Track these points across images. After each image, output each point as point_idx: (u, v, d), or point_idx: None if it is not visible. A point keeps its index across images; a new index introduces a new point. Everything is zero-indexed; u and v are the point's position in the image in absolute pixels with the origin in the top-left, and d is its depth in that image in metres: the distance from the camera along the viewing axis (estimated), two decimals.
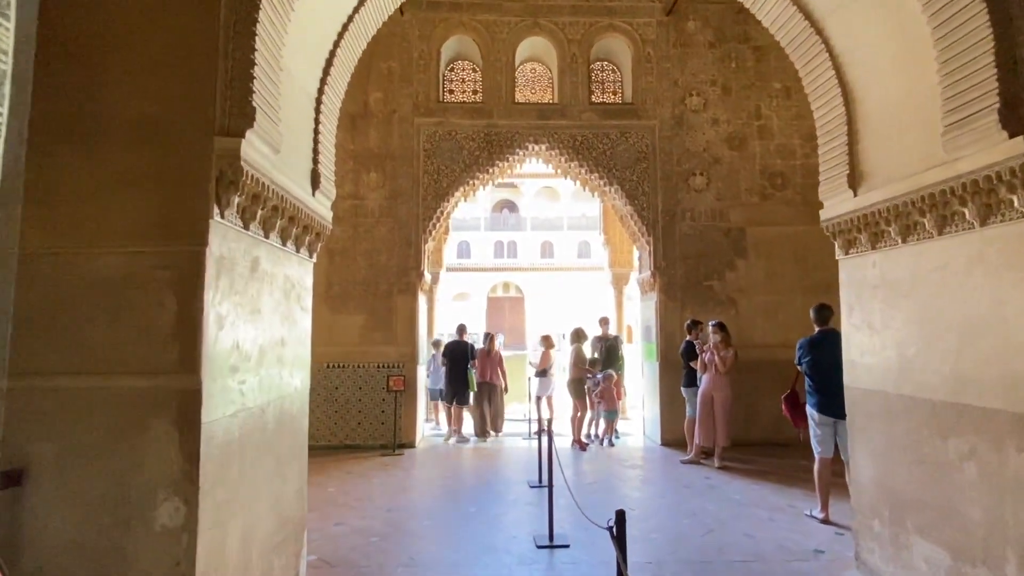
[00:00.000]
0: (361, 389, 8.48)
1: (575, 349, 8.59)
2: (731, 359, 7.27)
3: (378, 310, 8.57)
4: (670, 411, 8.54)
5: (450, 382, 9.44)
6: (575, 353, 8.56)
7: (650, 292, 8.99)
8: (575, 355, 8.56)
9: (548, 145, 8.88)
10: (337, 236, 8.61)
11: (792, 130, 8.99)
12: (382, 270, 8.63)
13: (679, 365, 8.45)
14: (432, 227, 8.77)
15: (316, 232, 4.18)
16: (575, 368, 8.47)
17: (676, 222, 8.83)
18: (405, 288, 8.61)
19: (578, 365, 8.49)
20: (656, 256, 8.78)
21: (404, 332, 8.56)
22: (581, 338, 8.65)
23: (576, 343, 8.63)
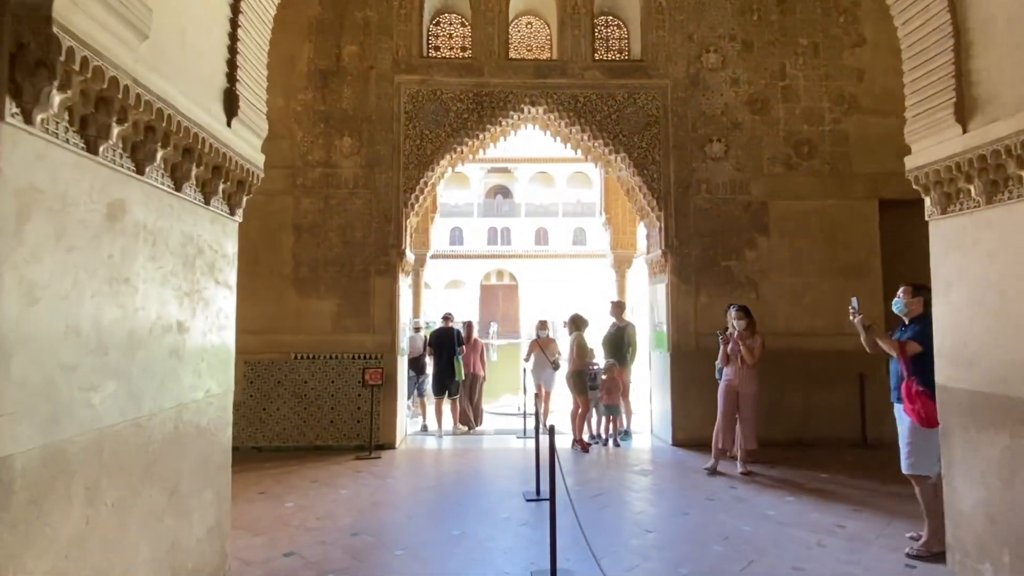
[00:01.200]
0: (334, 383, 7.40)
1: (575, 338, 7.53)
2: (759, 349, 6.24)
3: (353, 294, 7.48)
4: (683, 407, 7.51)
5: (437, 373, 8.69)
6: (575, 343, 7.50)
7: (660, 274, 7.93)
8: (575, 345, 7.50)
9: (546, 107, 7.77)
10: (306, 209, 7.50)
11: (820, 92, 7.91)
12: (357, 248, 7.53)
13: (696, 356, 7.43)
14: (415, 200, 7.66)
15: (237, 179, 3.11)
16: (576, 359, 7.42)
17: (690, 195, 7.76)
18: (384, 269, 7.52)
19: (579, 356, 7.43)
20: (668, 233, 7.71)
21: (383, 319, 7.47)
22: (580, 326, 7.58)
23: (576, 331, 7.56)
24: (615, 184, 11.01)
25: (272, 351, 7.36)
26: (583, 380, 7.43)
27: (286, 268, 7.46)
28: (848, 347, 7.59)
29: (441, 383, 8.72)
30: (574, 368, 7.41)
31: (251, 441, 7.30)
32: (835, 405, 7.49)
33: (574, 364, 7.40)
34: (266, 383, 7.35)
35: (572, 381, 7.43)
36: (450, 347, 8.81)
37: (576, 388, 7.42)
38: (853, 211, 7.82)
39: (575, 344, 7.46)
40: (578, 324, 7.56)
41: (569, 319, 7.67)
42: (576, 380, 7.41)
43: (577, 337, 7.50)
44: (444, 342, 8.81)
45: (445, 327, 8.99)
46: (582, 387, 7.42)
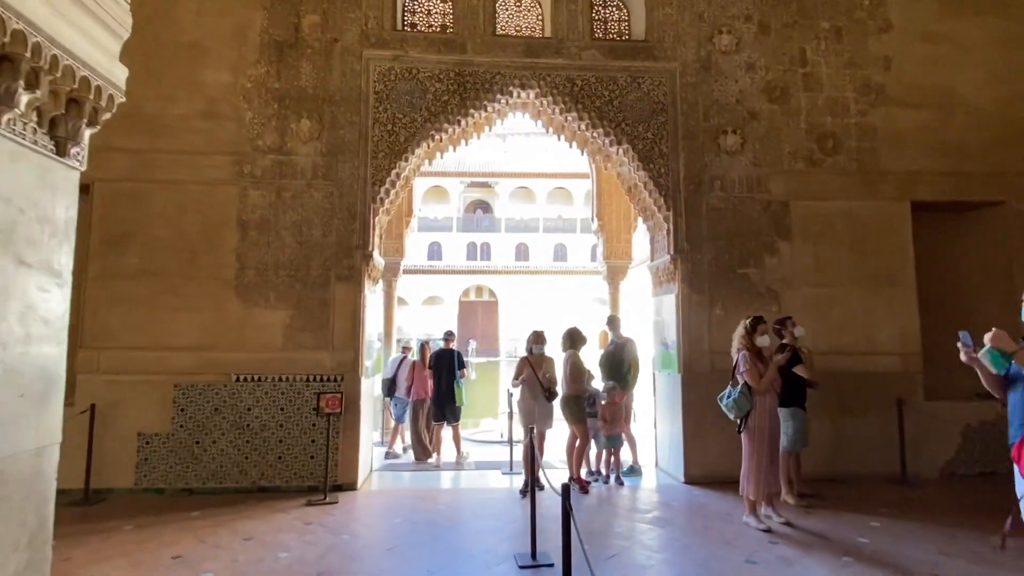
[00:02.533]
0: (284, 411, 6.12)
1: (570, 357, 6.35)
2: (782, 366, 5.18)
3: (309, 303, 6.23)
4: (697, 438, 6.38)
5: (436, 397, 7.88)
6: (570, 362, 6.32)
7: (668, 283, 6.84)
8: (570, 366, 6.31)
9: (539, 91, 6.69)
10: (253, 202, 6.27)
11: (844, 80, 6.98)
12: (315, 249, 6.30)
13: (712, 377, 6.33)
14: (385, 194, 6.48)
15: (69, 95, 1.92)
16: (572, 382, 6.24)
17: (703, 193, 6.72)
18: (347, 274, 6.29)
19: (576, 378, 6.25)
20: (677, 236, 6.64)
21: (344, 333, 6.23)
22: (577, 343, 6.41)
23: (571, 349, 6.39)
24: (608, 187, 10.01)
25: (209, 371, 6.06)
26: (581, 406, 6.26)
27: (228, 271, 6.20)
28: (881, 368, 6.60)
29: (440, 408, 7.83)
30: (570, 392, 6.23)
31: (180, 481, 5.96)
32: (869, 435, 6.45)
33: (570, 388, 6.23)
34: (200, 411, 6.03)
35: (568, 408, 6.25)
36: (450, 369, 7.91)
37: (573, 416, 6.23)
38: (883, 213, 6.85)
39: (570, 364, 6.29)
40: (575, 340, 6.40)
41: (564, 334, 6.48)
42: (573, 407, 6.23)
43: (572, 356, 6.33)
44: (444, 364, 7.96)
45: (446, 348, 8.20)
46: (580, 415, 6.25)
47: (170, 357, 6.05)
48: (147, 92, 6.25)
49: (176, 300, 6.12)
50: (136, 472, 5.94)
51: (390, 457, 8.11)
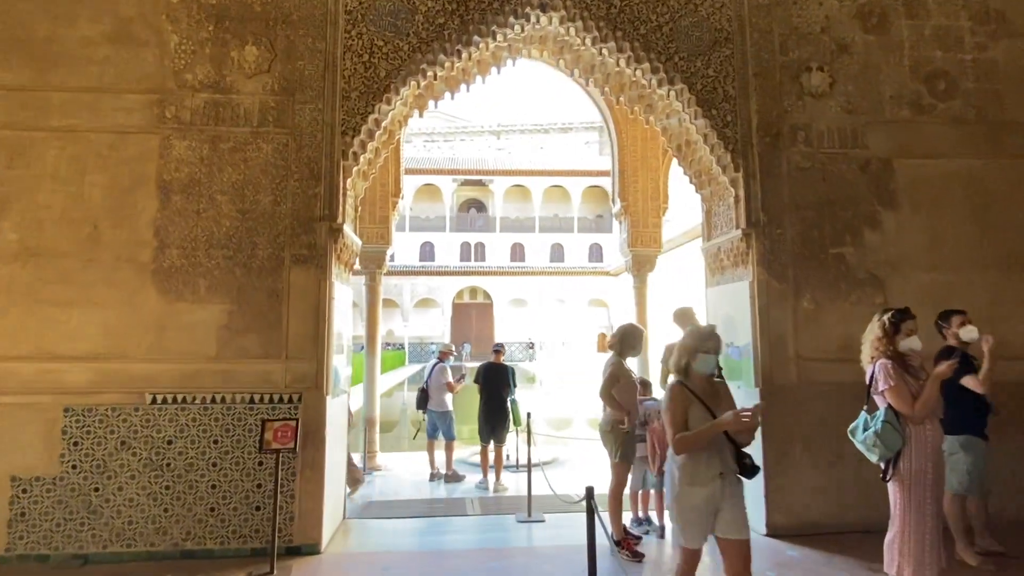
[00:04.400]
0: (218, 444, 4.36)
1: (615, 368, 4.60)
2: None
3: (254, 295, 4.49)
4: (782, 475, 4.69)
5: (486, 415, 6.89)
6: (615, 373, 4.57)
7: (735, 268, 5.16)
8: (614, 377, 4.56)
9: (564, 14, 5.00)
10: (179, 157, 4.53)
11: (956, 6, 5.34)
12: (263, 222, 4.56)
13: (800, 392, 4.66)
14: (360, 148, 4.76)
15: None
16: (618, 401, 4.49)
17: (782, 147, 5.05)
18: (306, 255, 4.56)
19: (622, 396, 4.51)
20: (750, 205, 4.96)
21: (302, 336, 4.48)
22: (627, 347, 4.65)
23: (617, 357, 4.65)
24: (633, 161, 8.35)
25: (114, 389, 4.32)
26: (630, 439, 4.49)
27: (143, 251, 4.45)
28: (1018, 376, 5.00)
29: (491, 427, 6.83)
30: (614, 416, 4.49)
31: (72, 544, 4.19)
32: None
33: (617, 409, 4.49)
34: (101, 445, 4.28)
35: (610, 438, 4.51)
36: (502, 385, 6.90)
37: (619, 451, 4.48)
38: (1012, 175, 5.22)
39: (615, 375, 4.55)
40: (624, 343, 4.64)
41: (617, 334, 4.68)
42: (617, 439, 4.47)
43: (616, 366, 4.59)
44: (496, 379, 6.94)
45: (496, 362, 7.14)
46: (626, 448, 4.50)
47: (59, 370, 4.30)
48: (32, 7, 4.52)
49: (70, 291, 4.38)
50: (8, 533, 4.17)
51: (450, 480, 6.89)
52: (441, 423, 7.01)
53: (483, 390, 6.93)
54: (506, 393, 6.85)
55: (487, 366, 7.09)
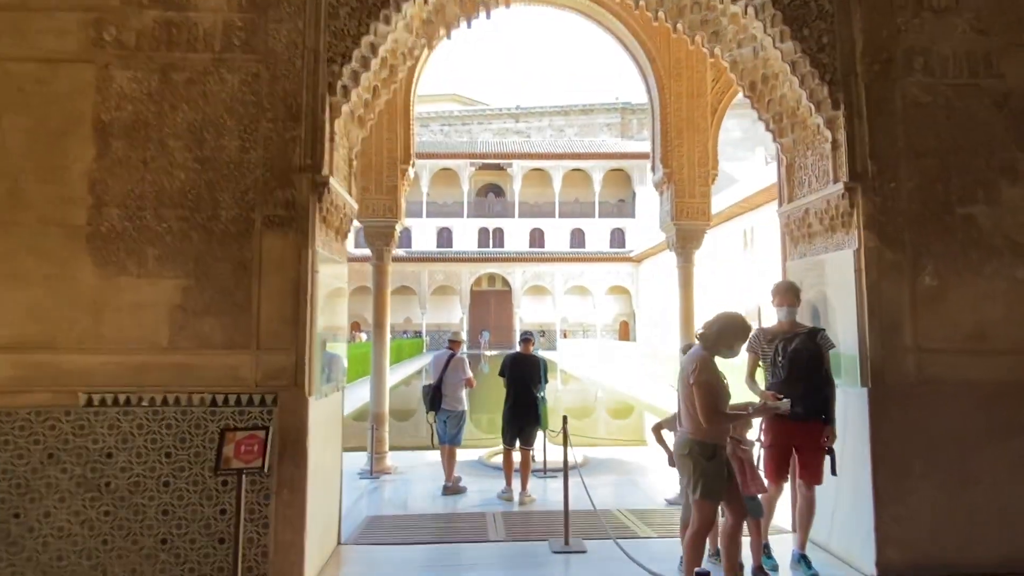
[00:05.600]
0: (171, 458, 3.38)
1: (698, 362, 3.24)
2: None
3: (216, 267, 3.48)
4: (898, 500, 3.58)
5: (512, 415, 5.81)
6: (701, 377, 3.17)
7: (834, 234, 4.01)
8: (704, 386, 3.16)
9: None
10: (122, 92, 3.52)
11: None
12: (228, 174, 3.54)
13: (923, 393, 3.56)
14: (352, 80, 3.71)
15: None
16: (706, 413, 3.13)
17: (894, 77, 3.88)
18: (283, 217, 3.53)
19: (712, 407, 3.23)
20: (854, 151, 3.81)
21: (278, 319, 3.46)
22: (722, 341, 3.25)
23: (701, 350, 3.33)
24: (678, 120, 7.21)
25: (39, 387, 3.36)
26: (717, 466, 3.25)
27: (76, 211, 3.47)
28: None
29: (518, 428, 5.77)
30: (702, 436, 3.20)
31: None
32: None
33: (699, 425, 3.28)
34: (24, 459, 3.32)
35: (691, 465, 3.32)
36: (531, 379, 5.79)
37: (703, 483, 3.17)
38: None
39: (704, 381, 3.17)
40: (725, 336, 3.26)
41: (715, 324, 3.27)
42: (700, 465, 3.19)
43: (704, 362, 3.24)
44: (525, 372, 5.83)
45: (524, 352, 6.03)
46: (714, 481, 3.24)
47: None
48: None
49: None
50: None
51: (449, 492, 5.86)
52: (452, 424, 5.93)
53: (510, 384, 5.87)
54: (536, 389, 5.80)
55: (514, 357, 6.01)
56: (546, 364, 6.10)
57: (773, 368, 3.75)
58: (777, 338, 3.79)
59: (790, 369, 3.57)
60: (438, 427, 6.01)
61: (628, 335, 36.35)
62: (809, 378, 3.64)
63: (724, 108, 7.37)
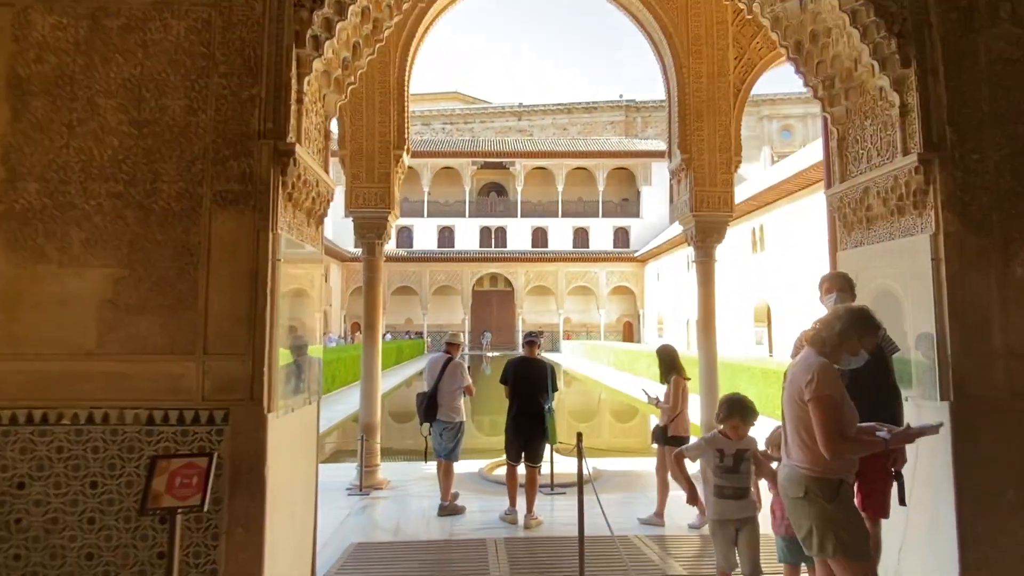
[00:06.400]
0: (98, 488, 2.73)
1: (826, 379, 2.38)
2: None
3: (155, 253, 2.83)
4: (985, 540, 2.91)
5: (518, 427, 5.11)
6: (830, 396, 2.37)
7: (901, 217, 3.35)
8: (836, 405, 2.37)
9: None
10: (41, 38, 2.85)
11: None
12: (171, 141, 2.89)
13: (1014, 406, 2.88)
14: (324, 28, 3.06)
15: None
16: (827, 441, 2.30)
17: (976, 28, 3.21)
18: (237, 193, 2.87)
19: (835, 428, 2.33)
20: (928, 117, 3.15)
21: (230, 317, 2.81)
22: (854, 342, 2.46)
23: (825, 357, 2.46)
24: (697, 103, 6.60)
25: None
26: (847, 505, 2.41)
27: None
28: None
29: (522, 442, 5.09)
30: (820, 470, 2.37)
31: None
32: None
33: (818, 447, 2.36)
34: None
35: (815, 511, 2.38)
36: (538, 388, 5.09)
37: (839, 538, 2.33)
38: None
39: (834, 401, 2.36)
40: (850, 336, 2.46)
41: (839, 321, 2.46)
42: (824, 505, 2.37)
43: (825, 372, 2.41)
44: (531, 379, 5.14)
45: (530, 356, 5.31)
46: (853, 530, 2.37)
47: None
48: None
49: None
50: None
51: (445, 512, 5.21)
52: (448, 437, 5.25)
53: (514, 394, 5.18)
54: (544, 399, 5.13)
55: (518, 362, 5.31)
56: (554, 370, 5.44)
57: None
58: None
59: (851, 380, 2.88)
60: (433, 440, 5.36)
61: (632, 336, 35.69)
62: (875, 390, 2.97)
63: (748, 89, 6.73)
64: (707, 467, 3.08)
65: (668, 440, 4.92)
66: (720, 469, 3.01)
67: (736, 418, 3.00)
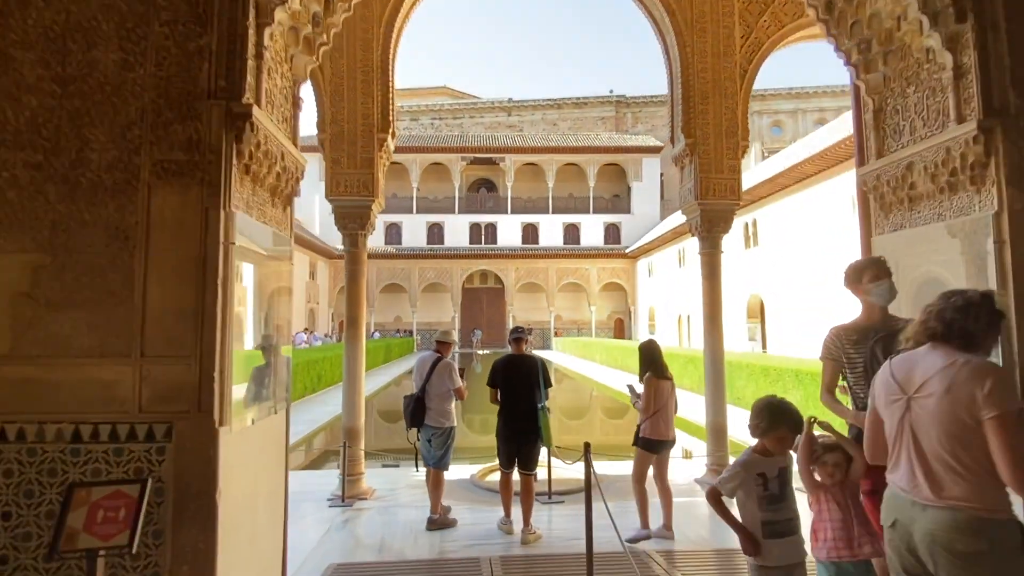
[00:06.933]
0: (10, 520, 2.24)
1: (997, 378, 1.80)
2: None
3: (82, 236, 2.35)
4: None
5: (510, 430, 4.71)
6: (996, 388, 1.76)
7: (954, 195, 2.93)
8: (1012, 404, 1.76)
9: None
10: None
11: None
12: (102, 101, 2.40)
13: None
14: None
15: None
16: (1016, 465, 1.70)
17: None
18: (182, 164, 2.39)
19: None
20: (987, 79, 2.74)
21: (173, 312, 2.34)
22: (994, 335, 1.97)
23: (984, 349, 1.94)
24: (702, 84, 6.20)
25: None
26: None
27: None
28: None
29: (515, 447, 4.67)
30: (1005, 510, 1.78)
31: None
32: None
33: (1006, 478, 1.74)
34: None
35: (998, 563, 1.73)
36: (529, 386, 4.68)
37: None
38: None
39: (1018, 404, 1.79)
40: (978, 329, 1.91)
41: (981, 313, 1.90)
42: (1018, 556, 1.75)
43: (1004, 380, 1.85)
44: (521, 378, 4.72)
45: (517, 352, 4.87)
46: None
47: None
48: None
49: None
50: None
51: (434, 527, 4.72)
52: (437, 444, 4.79)
53: (504, 394, 4.76)
54: (536, 397, 4.71)
55: (507, 360, 4.86)
56: (545, 365, 5.00)
57: (870, 380, 2.60)
58: (869, 337, 2.69)
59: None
60: (421, 447, 4.90)
61: (623, 333, 35.40)
62: None
63: (755, 70, 6.32)
64: (747, 500, 2.43)
65: (636, 441, 4.53)
66: (766, 500, 2.36)
67: (783, 428, 2.42)
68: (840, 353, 2.71)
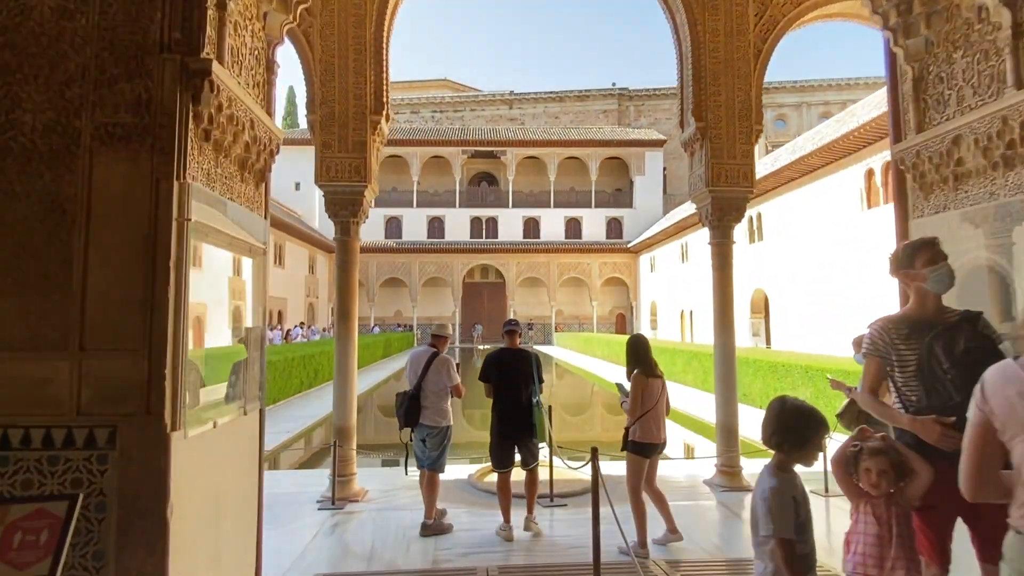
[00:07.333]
0: None
1: None
2: None
3: (12, 211, 2.03)
4: None
5: (506, 426, 4.45)
6: None
7: (1015, 169, 2.60)
8: None
9: None
10: None
11: None
12: (36, 55, 2.08)
13: None
14: None
15: None
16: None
17: None
18: (129, 128, 2.06)
19: None
20: None
21: (117, 299, 2.02)
22: None
23: None
24: (713, 64, 5.86)
25: None
26: None
27: None
28: None
29: (512, 444, 4.45)
30: None
31: None
32: None
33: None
34: None
35: None
36: (523, 380, 4.45)
37: None
38: None
39: None
40: None
41: None
42: None
43: None
44: (514, 371, 4.49)
45: (511, 346, 4.62)
46: None
47: None
48: None
49: None
50: None
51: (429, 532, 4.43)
52: (432, 445, 4.47)
53: (498, 389, 4.45)
54: (530, 391, 4.40)
55: (499, 354, 4.56)
56: (539, 359, 4.68)
57: (926, 381, 2.23)
58: (923, 331, 2.28)
59: (971, 383, 2.02)
60: (415, 448, 4.58)
61: (625, 328, 35.09)
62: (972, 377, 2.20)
63: (770, 50, 5.97)
64: None
65: (626, 445, 4.15)
66: (800, 527, 1.95)
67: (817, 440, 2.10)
68: (889, 349, 2.31)
